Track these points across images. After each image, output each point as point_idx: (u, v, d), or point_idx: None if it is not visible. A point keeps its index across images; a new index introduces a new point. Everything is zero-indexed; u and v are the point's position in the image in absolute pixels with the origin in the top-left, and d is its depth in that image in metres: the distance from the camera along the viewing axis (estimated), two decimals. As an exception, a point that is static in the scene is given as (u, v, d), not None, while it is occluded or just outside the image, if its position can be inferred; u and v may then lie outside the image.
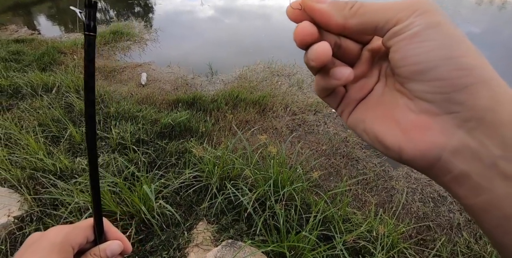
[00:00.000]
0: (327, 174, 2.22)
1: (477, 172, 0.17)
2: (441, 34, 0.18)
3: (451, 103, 0.18)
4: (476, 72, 0.17)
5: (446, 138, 0.18)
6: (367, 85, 0.24)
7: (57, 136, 2.20)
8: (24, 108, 2.52)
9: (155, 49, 4.65)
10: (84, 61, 0.29)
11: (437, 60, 0.18)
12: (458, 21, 5.96)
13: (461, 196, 0.19)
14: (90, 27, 0.28)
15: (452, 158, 0.18)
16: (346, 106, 0.25)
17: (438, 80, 0.18)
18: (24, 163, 1.83)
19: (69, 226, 0.33)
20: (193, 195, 1.75)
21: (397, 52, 0.19)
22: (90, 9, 0.28)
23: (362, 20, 0.20)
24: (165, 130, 2.37)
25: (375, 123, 0.22)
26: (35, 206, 1.57)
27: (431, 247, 1.72)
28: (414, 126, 0.20)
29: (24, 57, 3.75)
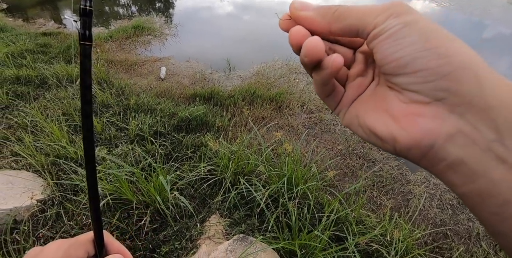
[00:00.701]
0: (342, 174, 2.18)
1: (472, 157, 0.17)
2: (415, 30, 0.19)
3: (437, 91, 0.18)
4: (455, 59, 0.18)
5: (439, 123, 0.18)
6: (364, 83, 0.25)
7: (79, 125, 2.28)
8: (49, 98, 2.63)
9: (175, 44, 4.71)
10: (80, 73, 0.28)
11: (414, 53, 0.18)
12: (487, 21, 5.67)
13: (457, 183, 0.18)
14: (86, 36, 0.27)
15: (446, 144, 0.18)
16: (343, 106, 0.26)
17: (419, 71, 0.18)
18: (48, 150, 1.91)
19: (69, 240, 0.33)
20: (207, 188, 1.77)
21: (378, 53, 0.21)
22: (85, 18, 0.27)
23: (344, 25, 0.22)
24: (182, 123, 2.41)
25: (368, 116, 0.23)
26: (56, 191, 1.64)
27: (447, 256, 1.66)
28: (405, 114, 0.20)
29: (51, 50, 3.90)
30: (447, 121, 0.18)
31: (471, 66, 0.17)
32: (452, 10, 6.26)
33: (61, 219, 1.51)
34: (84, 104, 0.29)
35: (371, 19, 0.20)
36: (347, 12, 0.22)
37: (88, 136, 0.30)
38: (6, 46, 3.77)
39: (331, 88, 0.25)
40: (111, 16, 6.32)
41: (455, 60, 0.18)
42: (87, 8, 0.26)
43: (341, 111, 0.26)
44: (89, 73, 0.28)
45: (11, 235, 1.39)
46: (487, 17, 5.79)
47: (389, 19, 0.20)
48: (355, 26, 0.21)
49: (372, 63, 0.25)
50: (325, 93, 0.26)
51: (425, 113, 0.19)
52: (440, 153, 0.18)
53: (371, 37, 0.21)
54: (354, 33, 0.22)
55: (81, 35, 0.27)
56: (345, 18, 0.22)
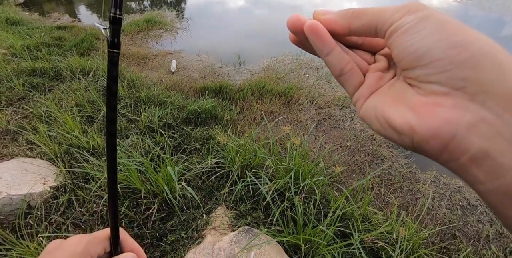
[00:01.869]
0: (349, 170, 2.17)
1: (497, 149, 0.16)
2: (430, 23, 0.19)
3: (456, 80, 0.18)
4: (472, 47, 0.17)
5: (459, 112, 0.17)
6: (384, 78, 0.25)
7: (91, 116, 2.33)
8: (63, 89, 2.69)
9: (186, 38, 4.73)
10: (107, 80, 0.28)
11: (429, 44, 0.18)
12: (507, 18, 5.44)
13: (481, 179, 0.17)
14: (114, 43, 0.27)
15: (468, 134, 0.17)
16: (361, 95, 0.25)
17: (436, 61, 0.18)
18: (61, 139, 1.96)
19: (89, 235, 0.34)
20: (214, 181, 1.79)
21: (396, 48, 0.21)
22: (115, 25, 0.27)
23: (363, 23, 0.23)
24: (191, 116, 2.43)
25: (385, 108, 0.22)
26: (69, 178, 1.69)
27: (455, 256, 1.63)
28: (424, 104, 0.19)
29: (65, 43, 3.98)
30: (468, 110, 0.17)
31: (490, 52, 0.17)
32: (470, 6, 6.04)
33: (73, 205, 1.56)
34: (109, 110, 0.29)
35: (388, 17, 0.21)
36: (365, 11, 0.23)
37: (111, 142, 0.30)
38: (22, 39, 3.87)
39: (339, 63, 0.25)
40: (124, 10, 6.38)
41: (472, 47, 0.17)
42: (117, 16, 0.27)
43: (358, 100, 0.26)
44: (116, 80, 0.28)
45: (24, 220, 1.45)
46: (507, 13, 5.56)
47: (405, 16, 0.20)
48: (374, 23, 0.22)
49: (394, 65, 0.25)
50: (335, 69, 0.26)
51: (445, 103, 0.18)
52: (463, 143, 0.17)
53: (388, 34, 0.21)
54: (373, 31, 0.22)
55: (109, 43, 0.27)
56: (363, 17, 0.22)
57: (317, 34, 0.24)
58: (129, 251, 0.37)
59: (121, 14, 0.27)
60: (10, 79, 2.70)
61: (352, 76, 0.25)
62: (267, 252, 1.36)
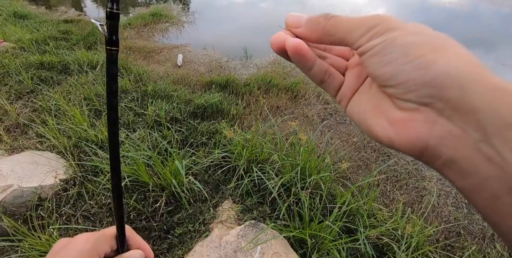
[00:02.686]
0: (355, 166, 2.16)
1: (462, 157, 0.18)
2: (396, 46, 0.20)
3: (423, 98, 0.19)
4: (435, 67, 0.18)
5: (429, 126, 0.20)
6: (363, 73, 0.26)
7: (99, 109, 2.35)
8: (71, 83, 2.71)
9: (192, 32, 4.71)
10: (106, 78, 0.27)
11: (396, 67, 0.20)
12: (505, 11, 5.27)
13: (452, 179, 0.20)
14: (113, 40, 0.25)
15: (438, 145, 0.19)
16: (344, 95, 0.27)
17: (403, 83, 0.20)
18: (70, 132, 1.99)
19: (96, 233, 0.35)
20: (221, 175, 1.80)
21: (367, 68, 0.22)
22: (112, 21, 0.25)
23: (333, 40, 0.23)
24: (198, 110, 2.44)
25: (367, 116, 0.24)
26: (78, 171, 1.72)
27: (459, 254, 1.63)
28: (399, 120, 0.21)
29: (72, 37, 3.99)
30: (436, 124, 0.19)
31: (451, 72, 0.18)
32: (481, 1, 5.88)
33: (82, 198, 1.59)
34: (110, 111, 0.28)
35: (355, 38, 0.22)
36: (334, 28, 0.23)
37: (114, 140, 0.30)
38: (30, 33, 3.89)
39: (320, 74, 0.26)
40: (130, 3, 6.35)
41: (435, 68, 0.19)
42: (114, 11, 0.25)
43: (342, 100, 0.27)
44: (115, 79, 0.27)
45: (36, 211, 1.48)
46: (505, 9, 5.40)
47: (373, 39, 0.21)
48: (344, 42, 0.23)
49: None
50: (317, 80, 0.27)
51: (417, 118, 0.20)
52: (434, 152, 0.20)
53: (358, 53, 0.23)
54: (344, 45, 0.24)
55: (107, 40, 0.25)
56: (333, 34, 0.23)
57: (300, 54, 0.24)
58: (136, 249, 0.37)
59: (118, 9, 0.25)
60: (19, 73, 2.73)
61: (332, 81, 0.27)
62: (273, 246, 1.38)
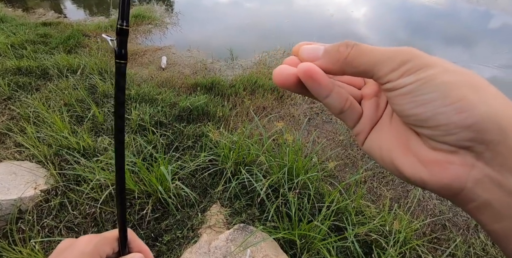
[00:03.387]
0: (342, 164, 2.18)
1: (498, 200, 0.18)
2: (433, 87, 0.19)
3: (462, 141, 0.18)
4: (477, 111, 0.18)
5: (467, 170, 0.19)
6: (381, 105, 0.25)
7: (81, 115, 2.29)
8: (51, 88, 2.63)
9: (176, 33, 4.65)
10: (114, 90, 0.29)
11: (434, 110, 0.19)
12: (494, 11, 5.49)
13: (484, 222, 0.20)
14: (122, 54, 0.28)
15: (474, 188, 0.19)
16: (362, 128, 0.25)
17: (442, 126, 0.19)
18: (50, 140, 1.92)
19: (98, 236, 0.36)
20: (208, 178, 1.79)
21: (396, 105, 0.21)
22: (121, 37, 0.27)
23: (358, 71, 0.21)
24: (183, 113, 2.41)
25: (393, 154, 0.22)
26: (60, 181, 1.66)
27: (445, 246, 1.67)
28: (434, 161, 0.20)
29: (51, 40, 3.86)
30: (474, 167, 0.19)
31: (493, 117, 0.18)
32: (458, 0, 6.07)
33: (65, 208, 1.54)
34: (117, 119, 0.30)
35: (384, 72, 0.20)
36: (358, 59, 0.21)
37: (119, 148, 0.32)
38: (6, 37, 3.74)
39: (339, 103, 0.24)
40: (112, 4, 6.21)
41: (477, 112, 0.18)
42: (124, 28, 0.27)
43: (360, 133, 0.25)
44: (123, 91, 0.29)
45: (16, 225, 1.43)
46: (493, 6, 5.60)
47: (404, 76, 0.19)
48: (369, 74, 0.21)
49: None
50: (335, 109, 0.24)
51: (454, 160, 0.19)
52: (469, 195, 0.19)
53: (385, 89, 0.21)
54: (369, 78, 0.22)
55: (117, 54, 0.28)
56: (358, 65, 0.21)
57: (313, 79, 0.22)
58: (137, 252, 0.38)
59: (127, 26, 0.27)
60: (-6, 79, 2.62)
61: (352, 112, 0.25)
62: (263, 248, 1.38)
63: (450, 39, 4.69)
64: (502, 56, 4.13)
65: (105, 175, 1.60)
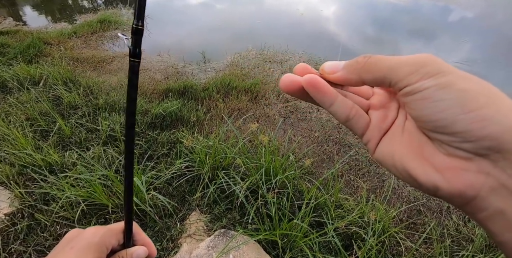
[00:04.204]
0: (319, 160, 2.22)
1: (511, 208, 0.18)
2: (452, 93, 0.19)
3: (479, 149, 0.19)
4: (496, 121, 0.18)
5: (483, 177, 0.19)
6: (389, 116, 0.25)
7: (46, 129, 2.17)
8: (11, 102, 2.47)
9: (145, 38, 4.43)
10: (127, 87, 0.30)
11: (452, 117, 0.19)
12: (452, 6, 5.83)
13: (496, 232, 0.19)
14: (136, 53, 0.29)
15: (488, 196, 0.19)
16: (372, 135, 0.25)
17: (460, 133, 0.19)
18: (12, 159, 1.80)
19: (105, 227, 0.37)
20: (186, 185, 1.75)
21: (413, 110, 0.21)
22: (136, 36, 0.29)
23: (375, 76, 0.22)
24: (156, 120, 2.34)
25: (406, 160, 0.22)
26: (26, 201, 1.56)
27: (422, 230, 1.75)
28: (449, 167, 0.20)
29: (9, 50, 3.62)
30: (490, 175, 0.19)
31: (510, 126, 0.18)
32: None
33: (34, 231, 1.45)
34: (128, 116, 0.31)
35: (402, 76, 0.20)
36: (377, 65, 0.22)
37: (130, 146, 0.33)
38: (-44, 49, 3.47)
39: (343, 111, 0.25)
40: (75, 10, 5.94)
41: (495, 123, 0.18)
42: (139, 27, 0.28)
43: (370, 142, 0.25)
44: (136, 88, 0.31)
45: (-21, 252, 1.33)
46: (451, 1, 5.97)
47: (423, 79, 0.19)
48: (387, 80, 0.21)
49: (395, 98, 0.25)
50: (341, 117, 0.25)
51: (470, 167, 0.19)
52: (482, 203, 0.19)
53: (403, 94, 0.21)
54: (386, 85, 0.22)
55: (131, 52, 0.29)
56: (376, 71, 0.22)
57: (317, 89, 0.23)
58: (141, 245, 0.39)
59: (142, 25, 0.29)
60: None
61: (358, 120, 0.25)
62: (245, 252, 1.37)
63: (414, 33, 4.91)
64: (463, 46, 4.39)
65: (75, 191, 1.52)
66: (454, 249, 1.61)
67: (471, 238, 1.68)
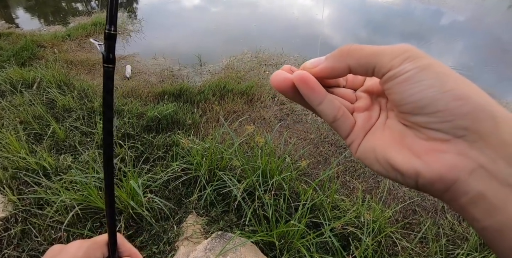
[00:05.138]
0: (315, 162, 2.24)
1: (492, 192, 0.18)
2: (431, 74, 0.20)
3: (457, 129, 0.19)
4: (472, 101, 0.19)
5: (462, 158, 0.19)
6: (372, 117, 0.26)
7: (39, 133, 2.15)
8: (4, 105, 2.44)
9: (140, 41, 4.51)
10: (103, 93, 0.30)
11: (433, 95, 0.19)
12: (444, 9, 5.95)
13: (477, 217, 0.19)
14: (110, 58, 0.28)
15: (468, 178, 0.19)
16: (355, 137, 0.26)
17: (439, 112, 0.19)
18: (6, 163, 1.78)
19: (88, 241, 0.36)
20: (182, 188, 1.75)
21: (396, 94, 0.22)
22: (110, 41, 0.28)
23: (361, 63, 0.22)
24: (152, 123, 2.34)
25: (387, 151, 0.23)
26: (20, 206, 1.54)
27: (417, 230, 1.77)
28: (428, 150, 0.20)
29: (2, 53, 3.59)
30: (468, 156, 0.19)
31: (487, 106, 0.19)
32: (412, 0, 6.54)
33: (28, 236, 1.43)
34: (105, 122, 0.31)
35: (386, 61, 0.21)
36: (361, 51, 0.22)
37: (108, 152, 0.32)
38: None
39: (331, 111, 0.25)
40: (69, 12, 5.90)
41: (472, 102, 0.19)
42: (112, 32, 0.28)
43: (353, 142, 0.26)
44: (111, 94, 0.30)
45: (-29, 258, 1.31)
46: (443, 5, 6.09)
47: (405, 63, 0.20)
48: (371, 65, 0.22)
49: (378, 100, 0.26)
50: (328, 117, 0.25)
51: (448, 149, 0.20)
52: (463, 186, 0.19)
53: (386, 78, 0.22)
54: (370, 72, 0.23)
55: (105, 58, 0.28)
56: (361, 57, 0.22)
57: (307, 84, 0.24)
58: (127, 256, 0.38)
59: (115, 30, 0.28)
60: None
61: (345, 121, 0.26)
62: (243, 254, 1.37)
63: (407, 36, 4.99)
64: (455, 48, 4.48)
65: (70, 195, 1.51)
66: (450, 248, 1.63)
67: (465, 237, 1.70)
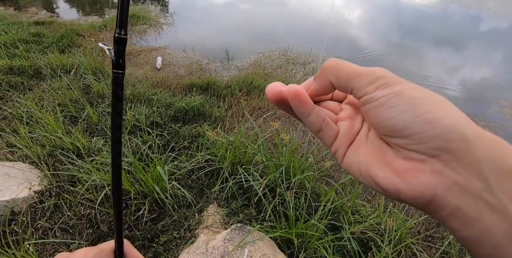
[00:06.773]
0: (338, 164, 2.20)
1: (467, 205, 0.20)
2: (404, 99, 0.21)
3: (431, 150, 0.21)
4: (441, 122, 0.20)
5: (437, 177, 0.21)
6: (355, 126, 0.27)
7: (75, 116, 2.26)
8: (44, 88, 2.59)
9: (171, 34, 4.63)
10: (112, 100, 0.28)
11: (407, 120, 0.21)
12: (484, 14, 5.62)
13: (456, 228, 0.21)
14: (119, 64, 0.27)
15: (445, 195, 0.20)
16: (340, 144, 0.27)
17: (414, 134, 0.21)
18: (44, 141, 1.89)
19: (94, 248, 0.35)
20: (205, 179, 1.78)
21: (371, 117, 0.23)
22: (119, 46, 0.27)
23: (340, 82, 0.25)
24: (179, 113, 2.40)
25: (369, 168, 0.24)
26: (54, 182, 1.64)
27: (439, 244, 1.70)
28: (407, 170, 0.22)
29: (44, 39, 3.81)
30: (443, 175, 0.20)
31: (457, 126, 0.20)
32: (450, 3, 6.20)
33: (60, 209, 1.52)
34: (114, 130, 0.29)
35: (362, 86, 0.23)
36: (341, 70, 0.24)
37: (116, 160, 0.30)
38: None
39: (317, 122, 0.27)
40: (105, 4, 6.16)
41: (441, 124, 0.20)
42: (122, 36, 0.26)
43: (338, 150, 0.27)
44: (121, 100, 0.29)
45: (9, 227, 1.40)
46: (484, 10, 5.74)
47: (379, 89, 0.22)
48: (350, 85, 0.24)
49: (359, 111, 0.28)
50: (314, 128, 0.27)
51: (424, 169, 0.21)
52: (442, 201, 0.21)
53: (362, 102, 0.24)
54: (349, 92, 0.25)
55: (114, 63, 0.27)
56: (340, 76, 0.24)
57: (299, 99, 0.25)
58: None
59: (125, 34, 0.27)
60: (-15, 79, 2.58)
61: (329, 130, 0.27)
62: (261, 248, 1.38)
63: (440, 42, 4.77)
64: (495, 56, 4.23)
65: (101, 175, 1.58)
66: (475, 265, 1.55)
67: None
